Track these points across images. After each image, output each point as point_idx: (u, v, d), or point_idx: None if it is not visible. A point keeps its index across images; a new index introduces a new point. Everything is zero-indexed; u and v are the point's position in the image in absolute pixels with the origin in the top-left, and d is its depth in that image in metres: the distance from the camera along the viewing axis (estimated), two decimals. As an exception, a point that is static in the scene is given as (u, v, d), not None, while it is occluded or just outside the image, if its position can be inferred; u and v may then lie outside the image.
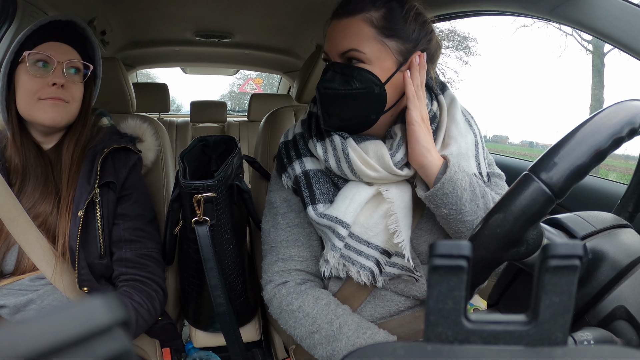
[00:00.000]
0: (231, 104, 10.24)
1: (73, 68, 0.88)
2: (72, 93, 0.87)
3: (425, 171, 0.72)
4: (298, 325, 0.77)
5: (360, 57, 0.73)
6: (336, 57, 0.75)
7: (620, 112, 0.45)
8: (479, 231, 0.46)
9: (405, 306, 0.83)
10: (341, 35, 0.74)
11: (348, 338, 0.72)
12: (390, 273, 0.78)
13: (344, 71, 0.73)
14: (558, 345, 0.21)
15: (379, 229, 0.77)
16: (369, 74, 0.73)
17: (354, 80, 0.73)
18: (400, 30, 0.74)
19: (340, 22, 0.75)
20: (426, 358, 0.20)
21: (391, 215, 0.76)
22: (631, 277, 0.46)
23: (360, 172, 0.76)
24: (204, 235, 0.85)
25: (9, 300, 0.85)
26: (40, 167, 0.89)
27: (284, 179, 0.85)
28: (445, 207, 0.71)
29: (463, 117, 0.83)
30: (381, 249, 0.78)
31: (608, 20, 0.79)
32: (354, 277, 0.77)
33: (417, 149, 0.72)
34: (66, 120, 0.88)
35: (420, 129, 0.73)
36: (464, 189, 0.71)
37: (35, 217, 0.86)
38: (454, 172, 0.70)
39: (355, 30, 0.73)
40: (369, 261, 0.77)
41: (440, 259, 0.20)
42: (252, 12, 1.74)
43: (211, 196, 0.83)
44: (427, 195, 0.72)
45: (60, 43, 0.87)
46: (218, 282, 0.87)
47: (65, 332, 0.14)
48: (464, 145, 0.78)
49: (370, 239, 0.77)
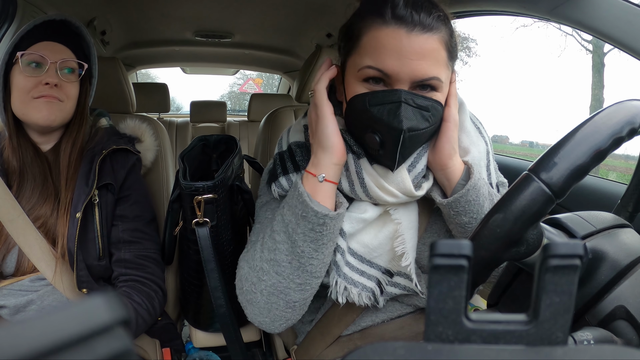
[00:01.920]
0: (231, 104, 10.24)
1: (67, 67, 0.88)
2: (66, 92, 0.87)
3: (448, 174, 0.68)
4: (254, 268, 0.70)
5: (437, 86, 0.63)
6: (406, 82, 0.62)
7: (620, 112, 0.45)
8: (479, 231, 0.46)
9: (406, 312, 0.82)
10: (419, 57, 0.60)
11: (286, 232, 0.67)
12: (391, 293, 0.75)
13: (419, 104, 0.62)
14: (558, 345, 0.21)
15: (383, 250, 0.73)
16: (440, 105, 0.65)
17: (430, 115, 0.63)
18: (456, 52, 0.67)
19: (416, 37, 0.60)
20: (426, 358, 0.20)
21: (398, 237, 0.71)
22: (631, 277, 0.46)
23: (376, 197, 0.70)
24: (205, 236, 0.85)
25: (9, 301, 0.85)
26: (38, 168, 0.88)
27: (274, 188, 0.76)
28: (465, 215, 0.67)
29: (473, 125, 0.78)
30: (383, 268, 0.74)
31: (608, 20, 0.79)
32: (355, 300, 0.72)
33: (446, 148, 0.68)
34: (61, 119, 0.88)
35: (455, 129, 0.69)
36: (485, 197, 0.68)
37: (35, 219, 0.86)
38: (477, 179, 0.67)
39: (435, 53, 0.62)
40: (371, 281, 0.74)
41: (441, 259, 0.20)
42: (252, 12, 1.74)
43: (212, 197, 0.83)
44: (450, 201, 0.67)
45: (54, 42, 0.86)
46: (219, 284, 0.87)
47: (66, 331, 0.14)
48: (477, 155, 0.73)
49: (374, 259, 0.74)
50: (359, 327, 0.83)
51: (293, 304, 0.70)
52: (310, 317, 0.89)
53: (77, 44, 0.91)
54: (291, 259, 0.67)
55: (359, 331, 0.83)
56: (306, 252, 0.66)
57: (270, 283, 0.68)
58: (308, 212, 0.64)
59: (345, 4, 0.71)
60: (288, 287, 0.68)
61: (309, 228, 0.65)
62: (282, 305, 0.70)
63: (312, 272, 0.68)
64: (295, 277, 0.68)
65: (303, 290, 0.69)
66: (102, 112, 1.04)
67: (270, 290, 0.69)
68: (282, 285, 0.68)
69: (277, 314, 0.71)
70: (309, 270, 0.68)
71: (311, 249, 0.66)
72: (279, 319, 0.71)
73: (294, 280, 0.68)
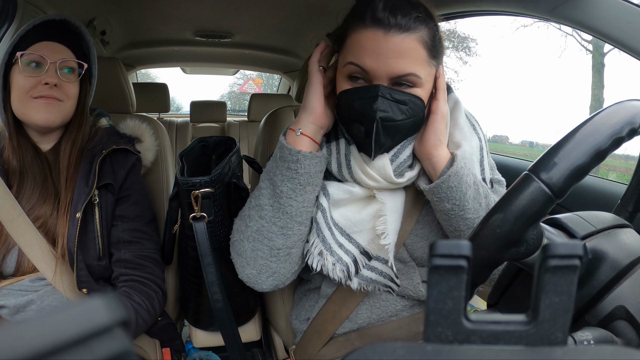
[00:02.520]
0: (231, 104, 10.24)
1: (67, 67, 0.87)
2: (66, 92, 0.87)
3: (433, 163, 0.72)
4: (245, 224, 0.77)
5: (415, 82, 0.68)
6: (384, 78, 0.67)
7: (620, 112, 0.45)
8: (479, 231, 0.46)
9: (401, 306, 0.82)
10: (396, 55, 0.65)
11: None
12: (367, 277, 0.77)
13: (397, 98, 0.67)
14: (558, 345, 0.21)
15: (364, 227, 0.76)
16: (419, 100, 0.69)
17: (408, 108, 0.68)
18: (439, 50, 0.71)
19: (392, 37, 0.65)
20: (426, 358, 0.20)
21: (380, 216, 0.75)
22: (631, 277, 0.46)
23: (359, 179, 0.76)
24: (202, 231, 0.85)
25: (8, 301, 0.85)
26: (37, 168, 0.88)
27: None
28: (448, 202, 0.71)
29: (467, 121, 0.81)
30: (362, 248, 0.77)
31: (608, 20, 0.79)
32: (329, 271, 0.75)
33: (432, 139, 0.72)
34: (60, 119, 0.87)
35: (442, 121, 0.74)
36: (468, 186, 0.71)
37: (35, 218, 0.86)
38: (460, 167, 0.71)
39: (412, 52, 0.66)
40: (347, 256, 0.76)
41: (440, 259, 0.20)
42: (252, 12, 1.74)
43: (208, 192, 0.84)
44: (432, 186, 0.71)
45: (54, 42, 0.86)
46: (215, 279, 0.87)
47: (65, 332, 0.14)
48: (469, 149, 0.77)
49: (353, 234, 0.77)
50: (356, 324, 0.83)
51: (277, 252, 0.75)
52: (307, 316, 0.90)
53: (76, 44, 0.91)
54: (272, 202, 0.73)
55: (356, 330, 0.84)
56: (284, 191, 0.72)
57: (255, 228, 0.75)
58: (284, 152, 0.72)
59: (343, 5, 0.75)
60: (270, 231, 0.74)
61: (285, 167, 0.72)
62: (266, 253, 0.75)
63: (292, 215, 0.73)
64: (277, 220, 0.74)
65: (285, 235, 0.74)
66: (102, 112, 1.04)
67: (255, 235, 0.75)
68: (265, 229, 0.74)
69: (262, 263, 0.76)
70: (288, 212, 0.73)
71: (289, 189, 0.72)
72: (264, 269, 0.76)
73: (275, 223, 0.74)
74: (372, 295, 0.81)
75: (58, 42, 0.87)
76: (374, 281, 0.77)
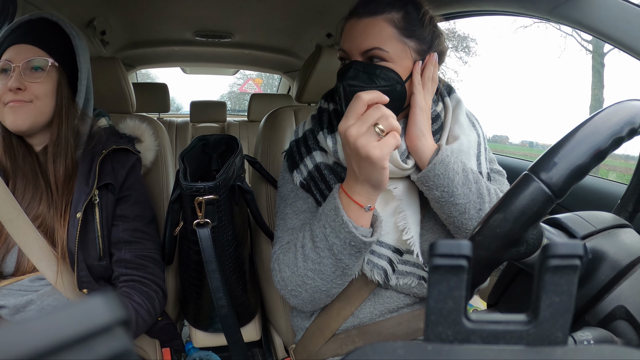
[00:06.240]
0: (231, 104, 10.23)
1: (33, 66, 0.86)
2: (33, 92, 0.85)
3: (419, 154, 0.75)
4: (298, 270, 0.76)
5: (383, 55, 0.74)
6: (357, 55, 0.75)
7: (620, 112, 0.45)
8: (479, 231, 0.46)
9: (404, 303, 0.83)
10: (363, 34, 0.74)
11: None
12: (403, 271, 0.80)
13: (367, 69, 0.74)
14: (558, 345, 0.21)
15: (389, 227, 0.79)
16: (392, 72, 0.74)
17: (378, 78, 0.74)
18: (418, 31, 0.76)
19: (361, 21, 0.75)
20: (426, 358, 0.20)
21: (400, 212, 0.78)
22: (631, 277, 0.46)
23: None
24: (206, 237, 0.85)
25: (8, 301, 0.85)
26: (28, 167, 0.88)
27: (295, 175, 0.86)
28: (437, 189, 0.73)
29: (467, 119, 0.85)
30: (393, 247, 0.79)
31: (608, 20, 0.79)
32: (368, 274, 0.79)
33: (413, 131, 0.75)
34: (31, 121, 0.85)
35: (421, 114, 0.76)
36: (455, 172, 0.73)
37: (34, 218, 0.86)
38: (446, 155, 0.74)
39: (378, 30, 0.74)
40: (382, 260, 0.79)
41: (441, 259, 0.20)
42: (252, 12, 1.74)
43: (213, 199, 0.83)
44: (420, 176, 0.74)
45: (22, 44, 0.85)
46: (220, 284, 0.87)
47: (65, 331, 0.14)
48: (466, 143, 0.80)
49: (382, 237, 0.79)
50: (357, 320, 0.83)
51: (333, 294, 0.79)
52: (310, 312, 0.90)
53: (57, 40, 0.89)
54: (335, 269, 0.74)
55: (356, 327, 0.84)
56: (350, 265, 0.73)
57: (314, 285, 0.76)
58: (356, 242, 0.70)
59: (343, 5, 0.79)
60: (331, 287, 0.76)
61: (356, 250, 0.71)
62: (324, 297, 0.78)
63: (352, 275, 0.77)
64: (337, 279, 0.75)
65: (342, 284, 0.78)
66: (102, 112, 1.04)
67: (314, 289, 0.76)
68: (325, 286, 0.76)
69: (319, 303, 0.80)
70: (349, 274, 0.76)
71: (353, 262, 0.73)
72: (319, 304, 0.80)
73: (335, 282, 0.76)
74: (377, 293, 0.83)
75: (28, 43, 0.85)
76: (409, 274, 0.80)
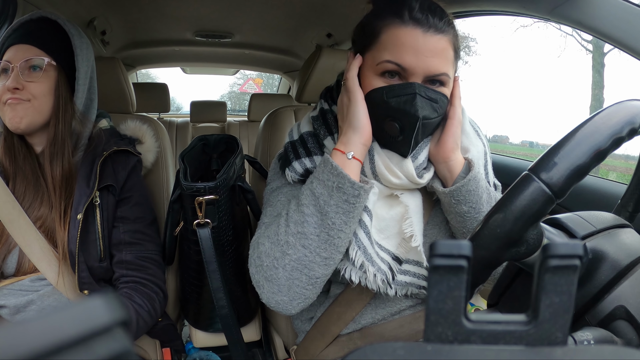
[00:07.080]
0: (231, 104, 10.23)
1: (31, 65, 0.86)
2: (30, 91, 0.85)
3: (450, 166, 0.73)
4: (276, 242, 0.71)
5: (445, 81, 0.70)
6: (420, 76, 0.68)
7: (620, 112, 0.45)
8: (479, 231, 0.46)
9: (406, 305, 0.83)
10: (434, 55, 0.68)
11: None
12: (402, 281, 0.76)
13: (431, 96, 0.69)
14: (558, 345, 0.21)
15: (390, 232, 0.76)
16: (446, 99, 0.72)
17: (438, 107, 0.70)
18: (459, 54, 0.74)
19: (429, 37, 0.67)
20: (426, 358, 0.20)
21: (407, 219, 0.75)
22: (631, 277, 0.46)
23: (382, 176, 0.74)
24: (206, 237, 0.85)
25: (9, 301, 0.85)
26: (29, 168, 0.88)
27: (288, 173, 0.79)
28: (465, 204, 0.72)
29: (471, 127, 0.84)
30: (392, 254, 0.76)
31: (608, 20, 0.79)
32: (370, 281, 0.73)
33: (450, 142, 0.73)
34: (30, 119, 0.85)
35: (459, 126, 0.75)
36: (483, 190, 0.73)
37: (35, 219, 0.86)
38: (477, 171, 0.73)
39: (446, 53, 0.69)
40: (384, 264, 0.75)
41: (441, 259, 0.20)
42: (252, 12, 1.74)
43: (213, 199, 0.83)
44: (452, 189, 0.72)
45: (21, 44, 0.86)
46: (220, 285, 0.87)
47: (65, 332, 0.14)
48: (476, 154, 0.79)
49: (382, 242, 0.76)
50: (359, 325, 0.83)
51: (315, 280, 0.71)
52: (310, 315, 0.89)
53: (56, 40, 0.88)
54: (320, 232, 0.69)
55: (358, 330, 0.84)
56: (337, 224, 0.68)
57: (295, 257, 0.69)
58: (344, 184, 0.67)
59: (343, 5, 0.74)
60: (313, 261, 0.70)
61: (344, 199, 0.67)
62: (304, 282, 0.71)
63: (337, 246, 0.70)
64: (321, 251, 0.69)
65: (327, 265, 0.71)
66: (103, 113, 1.04)
67: (294, 264, 0.70)
68: (307, 259, 0.69)
69: (297, 291, 0.71)
70: (335, 244, 0.70)
71: (342, 221, 0.68)
72: (297, 297, 0.72)
73: (320, 254, 0.69)
74: (378, 296, 0.81)
75: (27, 43, 0.86)
76: (408, 284, 0.77)
